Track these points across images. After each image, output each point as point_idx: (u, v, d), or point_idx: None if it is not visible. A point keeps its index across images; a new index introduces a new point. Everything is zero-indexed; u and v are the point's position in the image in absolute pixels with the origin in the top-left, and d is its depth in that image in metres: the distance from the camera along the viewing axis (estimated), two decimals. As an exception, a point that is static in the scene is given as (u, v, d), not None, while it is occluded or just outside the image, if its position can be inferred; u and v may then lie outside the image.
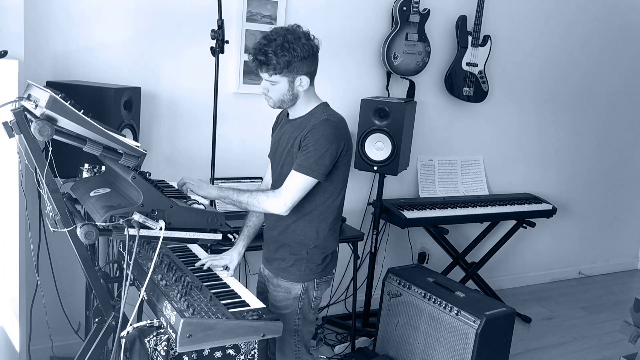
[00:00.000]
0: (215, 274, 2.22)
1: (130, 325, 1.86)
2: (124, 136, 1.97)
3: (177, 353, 1.88)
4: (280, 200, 2.08)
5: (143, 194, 1.80)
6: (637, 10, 4.76)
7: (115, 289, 2.35)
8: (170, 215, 1.85)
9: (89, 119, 1.79)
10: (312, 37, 2.12)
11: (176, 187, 2.35)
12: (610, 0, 4.60)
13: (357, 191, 3.79)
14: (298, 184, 2.08)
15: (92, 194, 2.00)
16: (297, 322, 2.25)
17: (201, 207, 1.96)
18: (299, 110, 2.20)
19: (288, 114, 2.28)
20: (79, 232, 1.72)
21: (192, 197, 2.13)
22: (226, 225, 2.79)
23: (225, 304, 1.88)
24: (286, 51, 2.02)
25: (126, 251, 1.72)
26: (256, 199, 2.11)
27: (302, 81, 2.11)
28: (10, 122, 1.81)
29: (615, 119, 4.92)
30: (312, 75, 2.14)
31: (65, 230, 1.82)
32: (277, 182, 2.25)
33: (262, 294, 2.41)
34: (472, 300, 2.96)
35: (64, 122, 1.77)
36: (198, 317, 1.73)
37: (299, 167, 2.08)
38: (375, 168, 3.39)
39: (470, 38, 3.84)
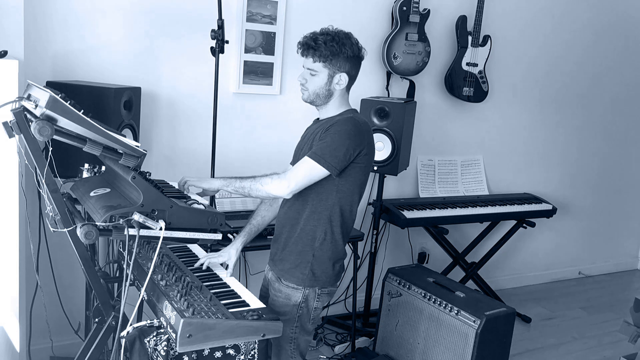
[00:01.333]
0: (215, 274, 2.22)
1: (130, 325, 1.86)
2: (124, 136, 1.97)
3: (177, 353, 1.88)
4: (284, 182, 2.07)
5: (143, 194, 1.80)
6: (638, 11, 4.76)
7: (115, 289, 2.35)
8: (170, 215, 1.85)
9: (89, 119, 1.79)
10: (361, 46, 2.20)
11: (176, 187, 2.36)
12: (612, 2, 4.60)
13: (357, 191, 3.79)
14: (306, 169, 2.07)
15: (92, 194, 2.00)
16: (294, 330, 2.22)
17: (201, 207, 1.96)
18: (329, 112, 2.22)
19: (318, 119, 2.29)
20: (79, 232, 1.72)
21: (192, 197, 2.13)
22: (226, 225, 2.79)
23: (225, 304, 1.88)
24: (336, 44, 2.10)
25: (126, 251, 1.72)
26: (259, 182, 2.10)
27: (341, 79, 2.15)
28: (10, 122, 1.81)
29: (615, 119, 4.92)
30: (351, 78, 2.19)
31: (65, 230, 1.82)
32: None
33: (264, 297, 2.39)
34: (472, 300, 2.96)
35: (64, 122, 1.77)
36: (198, 317, 1.73)
37: (311, 153, 2.08)
38: (375, 168, 3.39)
39: (470, 38, 3.84)
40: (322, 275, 2.21)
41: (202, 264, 2.25)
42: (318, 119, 2.29)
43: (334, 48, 2.09)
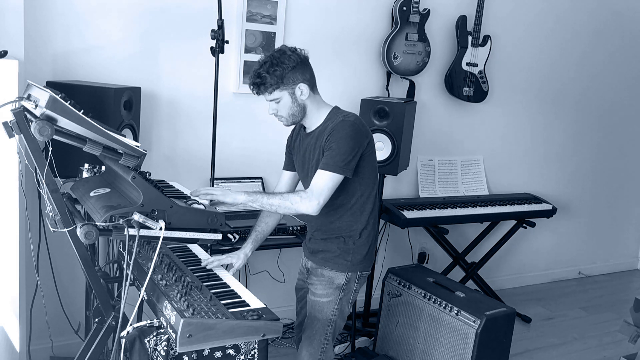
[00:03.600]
0: (215, 274, 2.22)
1: (130, 325, 1.86)
2: (124, 136, 1.97)
3: (177, 353, 1.88)
4: (314, 200, 2.14)
5: (143, 194, 1.80)
6: (637, 11, 4.76)
7: (115, 289, 2.35)
8: (170, 215, 1.85)
9: (89, 119, 1.79)
10: (298, 49, 2.24)
11: (176, 187, 2.36)
12: (612, 2, 4.60)
13: (357, 191, 3.79)
14: (327, 182, 2.15)
15: (92, 194, 2.00)
16: (334, 312, 2.33)
17: (201, 207, 1.96)
18: (313, 121, 2.29)
19: (304, 128, 2.35)
20: (79, 232, 1.72)
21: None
22: (226, 225, 2.79)
23: (225, 304, 1.88)
24: (276, 66, 2.16)
25: (126, 251, 1.72)
26: (289, 200, 2.16)
27: (302, 89, 2.21)
28: (10, 122, 1.81)
29: (616, 119, 4.92)
30: (309, 82, 2.24)
31: (65, 230, 1.82)
32: None
33: (301, 289, 2.51)
34: (472, 300, 2.96)
35: (64, 122, 1.77)
36: (198, 317, 1.73)
37: (324, 165, 2.16)
38: (375, 168, 3.39)
39: (470, 38, 3.84)
40: (363, 260, 2.34)
41: (207, 264, 2.27)
42: (304, 128, 2.35)
43: (277, 72, 2.16)
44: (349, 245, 2.31)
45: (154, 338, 1.93)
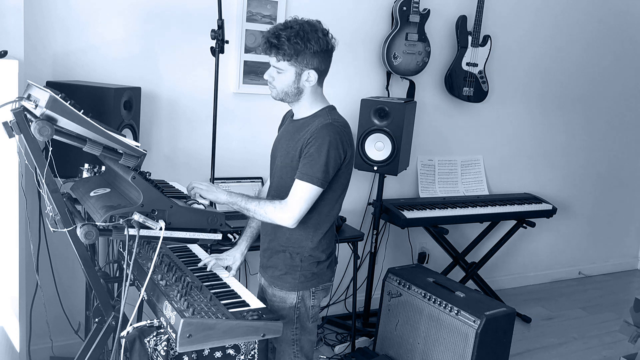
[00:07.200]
0: (215, 274, 2.22)
1: (130, 325, 1.86)
2: (124, 136, 1.97)
3: (177, 353, 1.88)
4: (289, 213, 2.00)
5: (143, 194, 1.80)
6: (639, 10, 4.76)
7: (115, 289, 2.35)
8: (170, 215, 1.84)
9: (89, 119, 1.79)
10: (330, 35, 2.06)
11: (176, 187, 2.36)
12: (612, 2, 4.60)
13: (357, 191, 3.79)
14: (305, 193, 2.00)
15: (92, 194, 2.00)
16: (294, 332, 2.19)
17: (201, 207, 1.96)
18: (303, 110, 2.13)
19: (293, 115, 2.22)
20: (79, 232, 1.72)
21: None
22: (226, 225, 2.78)
23: (225, 304, 1.88)
24: (300, 39, 1.96)
25: (126, 251, 1.72)
26: (263, 208, 2.04)
27: (310, 76, 2.03)
28: (10, 122, 1.81)
29: (616, 119, 4.92)
30: (321, 73, 2.07)
31: (65, 230, 1.82)
32: (274, 183, 2.21)
33: (262, 300, 2.39)
34: (472, 300, 2.96)
35: (64, 122, 1.77)
36: (198, 317, 1.73)
37: (303, 175, 2.00)
38: (375, 168, 3.39)
39: (470, 38, 3.84)
40: (313, 276, 2.18)
41: (205, 264, 2.26)
42: (292, 115, 2.21)
43: (298, 45, 1.95)
44: (296, 261, 2.14)
45: (154, 338, 1.93)
